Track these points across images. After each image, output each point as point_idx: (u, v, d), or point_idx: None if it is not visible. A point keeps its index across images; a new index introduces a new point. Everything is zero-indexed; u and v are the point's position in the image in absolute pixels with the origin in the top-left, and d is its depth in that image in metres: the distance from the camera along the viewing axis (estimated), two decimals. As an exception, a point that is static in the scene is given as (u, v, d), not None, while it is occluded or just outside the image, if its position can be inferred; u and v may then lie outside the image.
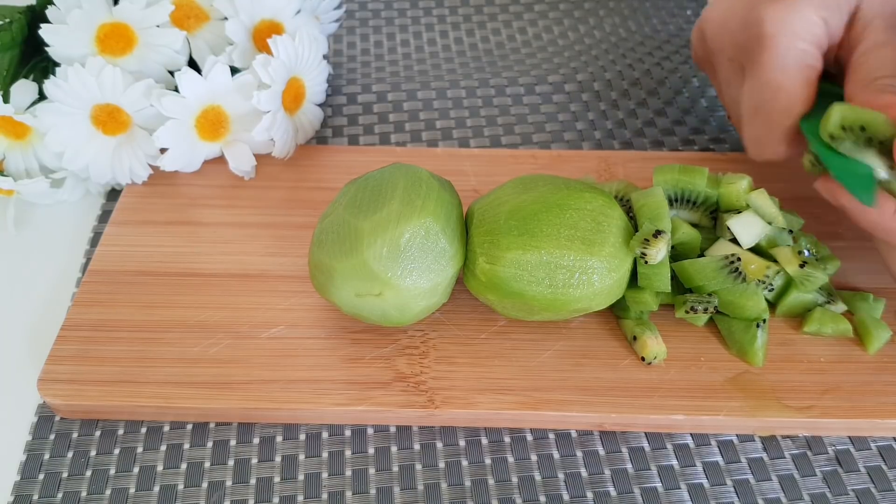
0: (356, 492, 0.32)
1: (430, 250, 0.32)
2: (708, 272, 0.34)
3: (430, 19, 0.58)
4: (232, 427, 0.34)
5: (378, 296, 0.32)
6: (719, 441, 0.34)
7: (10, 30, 0.39)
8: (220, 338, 0.35)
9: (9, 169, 0.41)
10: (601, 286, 0.32)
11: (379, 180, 0.33)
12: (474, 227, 0.34)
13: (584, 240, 0.32)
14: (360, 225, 0.31)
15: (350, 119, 0.49)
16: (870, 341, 0.35)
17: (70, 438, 0.33)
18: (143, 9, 0.39)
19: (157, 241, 0.40)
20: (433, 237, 0.32)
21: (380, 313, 0.32)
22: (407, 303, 0.32)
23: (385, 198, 0.32)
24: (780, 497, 0.32)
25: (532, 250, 0.32)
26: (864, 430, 0.34)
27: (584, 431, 0.34)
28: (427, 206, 0.32)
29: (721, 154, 0.46)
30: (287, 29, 0.43)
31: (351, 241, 0.31)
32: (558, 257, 0.32)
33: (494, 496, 0.32)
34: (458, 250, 0.33)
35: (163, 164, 0.41)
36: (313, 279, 0.33)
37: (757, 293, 0.34)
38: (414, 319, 0.33)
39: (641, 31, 0.57)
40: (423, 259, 0.32)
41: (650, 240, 0.33)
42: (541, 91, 0.52)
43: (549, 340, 0.36)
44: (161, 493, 0.32)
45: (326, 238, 0.32)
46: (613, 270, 0.32)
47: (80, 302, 0.37)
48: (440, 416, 0.33)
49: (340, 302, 0.33)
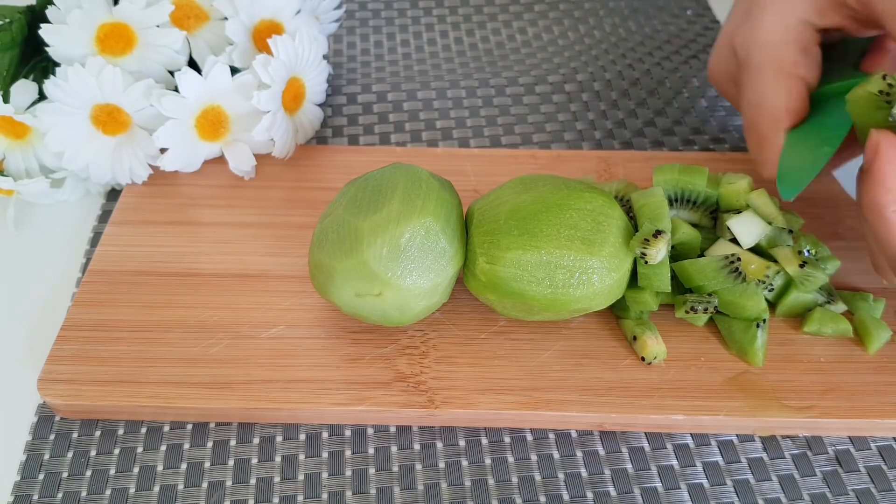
0: (356, 492, 0.32)
1: (431, 250, 0.32)
2: (708, 272, 0.34)
3: (430, 19, 0.58)
4: (232, 427, 0.34)
5: (378, 296, 0.32)
6: (719, 441, 0.34)
7: (10, 30, 0.39)
8: (221, 338, 0.35)
9: (9, 169, 0.41)
10: (601, 286, 0.32)
11: (379, 180, 0.33)
12: (474, 227, 0.34)
13: (584, 240, 0.32)
14: (360, 225, 0.31)
15: (350, 119, 0.49)
16: (870, 341, 0.35)
17: (70, 438, 0.33)
18: (143, 9, 0.39)
19: (157, 241, 0.40)
20: (433, 237, 0.32)
21: (380, 313, 0.32)
22: (407, 303, 0.32)
23: (385, 198, 0.32)
24: (780, 497, 0.32)
25: (532, 250, 0.32)
26: (864, 430, 0.34)
27: (584, 431, 0.34)
28: (427, 206, 0.32)
29: (721, 154, 0.46)
30: (287, 29, 0.43)
31: (351, 241, 0.31)
32: (558, 257, 0.32)
33: (494, 496, 0.32)
34: (458, 250, 0.33)
35: (163, 164, 0.41)
36: (313, 279, 0.33)
37: (757, 293, 0.34)
38: (414, 319, 0.33)
39: (641, 31, 0.57)
40: (423, 259, 0.32)
41: (650, 240, 0.33)
42: (541, 91, 0.52)
43: (549, 340, 0.36)
44: (161, 493, 0.32)
45: (326, 238, 0.32)
46: (613, 270, 0.32)
47: (80, 302, 0.37)
48: (440, 416, 0.33)
49: (340, 302, 0.33)
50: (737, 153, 0.46)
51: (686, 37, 0.57)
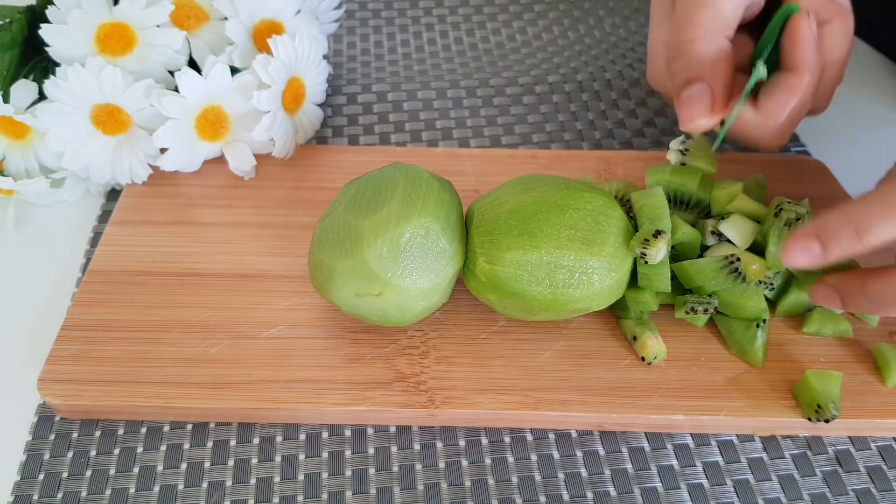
0: (356, 492, 0.32)
1: (430, 250, 0.32)
2: (708, 273, 0.34)
3: (430, 19, 0.58)
4: (232, 427, 0.34)
5: (378, 296, 0.32)
6: (719, 441, 0.34)
7: (10, 30, 0.39)
8: (220, 338, 0.35)
9: (9, 169, 0.41)
10: (601, 286, 0.32)
11: (379, 180, 0.33)
12: (474, 227, 0.34)
13: (584, 240, 0.32)
14: (360, 225, 0.31)
15: (350, 119, 0.49)
16: (889, 375, 0.34)
17: (70, 438, 0.33)
18: (144, 9, 0.39)
19: (158, 241, 0.40)
20: (433, 237, 0.32)
21: (380, 313, 0.32)
22: (407, 303, 0.32)
23: (385, 198, 0.32)
24: (780, 497, 0.32)
25: (532, 250, 0.32)
26: (864, 429, 0.34)
27: (584, 431, 0.34)
28: (427, 206, 0.32)
29: (721, 154, 0.46)
30: (287, 29, 0.43)
31: (351, 241, 0.31)
32: (558, 257, 0.32)
33: (494, 496, 0.32)
34: (458, 250, 0.33)
35: (163, 164, 0.41)
36: (313, 279, 0.33)
37: (757, 293, 0.34)
38: (414, 319, 0.33)
39: (641, 31, 0.57)
40: (423, 259, 0.32)
41: (650, 240, 0.33)
42: (540, 91, 0.52)
43: (549, 340, 0.36)
44: (161, 493, 0.32)
45: (326, 238, 0.32)
46: (613, 270, 0.32)
47: (80, 302, 0.37)
48: (440, 416, 0.33)
49: (340, 302, 0.33)
50: (737, 153, 0.46)
51: (686, 37, 0.57)
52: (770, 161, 0.45)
